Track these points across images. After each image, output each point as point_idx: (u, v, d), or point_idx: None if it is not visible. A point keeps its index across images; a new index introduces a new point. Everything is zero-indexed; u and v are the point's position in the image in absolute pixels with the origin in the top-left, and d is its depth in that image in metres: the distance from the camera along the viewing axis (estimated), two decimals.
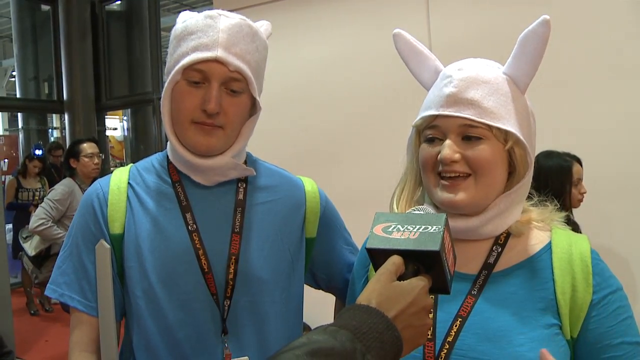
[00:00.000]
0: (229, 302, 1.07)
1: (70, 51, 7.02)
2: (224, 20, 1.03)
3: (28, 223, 5.37)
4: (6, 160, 6.95)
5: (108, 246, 1.06)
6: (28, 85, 7.81)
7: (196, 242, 1.07)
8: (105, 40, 7.31)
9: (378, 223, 0.77)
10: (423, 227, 0.74)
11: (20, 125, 8.32)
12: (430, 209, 0.84)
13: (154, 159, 1.17)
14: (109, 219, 1.08)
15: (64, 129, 7.44)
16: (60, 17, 7.09)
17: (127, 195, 1.10)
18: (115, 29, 7.38)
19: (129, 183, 1.11)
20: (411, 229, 0.75)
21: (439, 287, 0.76)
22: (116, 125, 9.84)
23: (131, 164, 1.18)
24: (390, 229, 0.76)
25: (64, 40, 7.06)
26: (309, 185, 1.22)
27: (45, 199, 3.69)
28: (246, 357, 1.06)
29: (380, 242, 0.75)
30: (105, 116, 7.86)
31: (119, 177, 1.13)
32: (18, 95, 8.01)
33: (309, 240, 1.19)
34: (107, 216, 1.08)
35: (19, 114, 8.36)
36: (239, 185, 1.13)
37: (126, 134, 8.91)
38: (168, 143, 1.11)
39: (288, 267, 1.14)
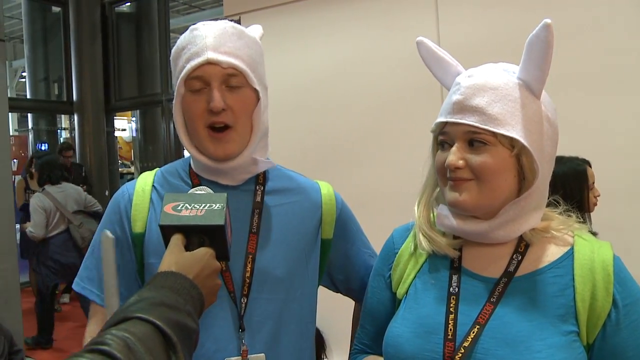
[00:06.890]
0: (246, 300, 1.10)
1: (80, 52, 7.08)
2: (208, 27, 1.09)
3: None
4: (16, 160, 6.99)
5: (112, 236, 1.10)
6: (38, 86, 7.86)
7: None
8: (114, 42, 7.37)
9: (167, 202, 0.88)
10: (208, 205, 0.86)
11: (30, 125, 8.36)
12: (210, 190, 0.97)
13: (177, 164, 1.23)
14: (132, 219, 1.14)
15: (73, 129, 7.49)
16: (70, 19, 7.16)
17: (151, 197, 1.16)
18: (124, 30, 7.44)
19: (153, 185, 1.18)
20: (198, 207, 0.86)
21: (222, 255, 0.89)
22: (125, 126, 9.89)
23: (157, 169, 1.24)
24: (179, 208, 0.86)
25: (74, 42, 7.12)
26: (325, 188, 1.25)
27: None
28: (262, 355, 1.09)
29: (171, 219, 0.86)
30: (114, 117, 7.91)
31: (145, 180, 1.19)
32: (28, 96, 8.07)
33: (326, 242, 1.22)
34: (130, 216, 1.14)
35: (29, 115, 8.41)
36: (257, 188, 1.18)
37: (135, 135, 8.95)
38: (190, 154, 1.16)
39: (302, 266, 1.17)
